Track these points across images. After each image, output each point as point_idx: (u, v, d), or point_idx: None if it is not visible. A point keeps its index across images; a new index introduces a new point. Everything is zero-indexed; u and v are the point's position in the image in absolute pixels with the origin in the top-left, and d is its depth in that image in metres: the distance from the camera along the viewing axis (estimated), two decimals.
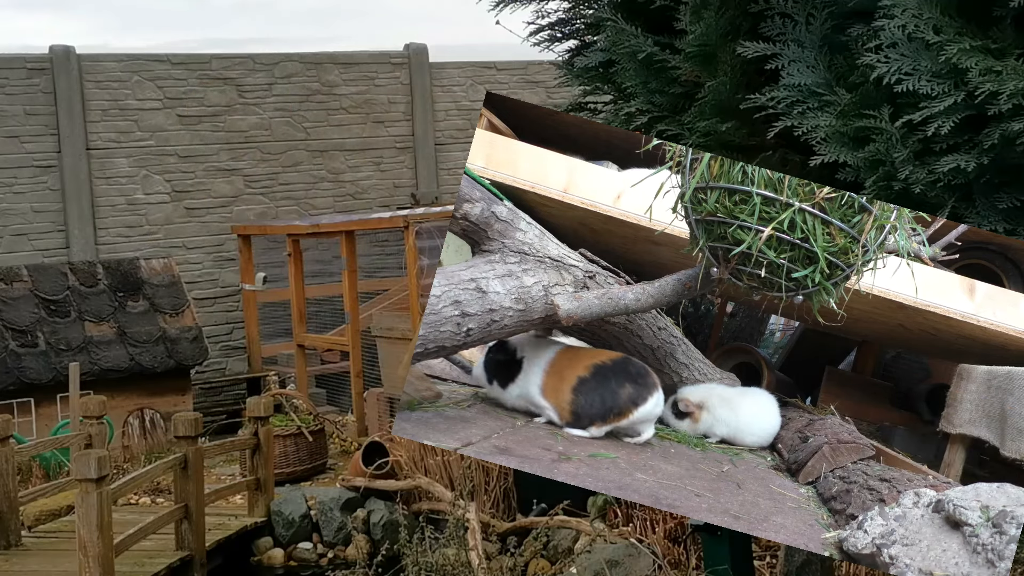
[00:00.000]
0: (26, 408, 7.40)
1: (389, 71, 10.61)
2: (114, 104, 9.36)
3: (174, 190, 9.58)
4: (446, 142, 10.88)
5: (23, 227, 9.00)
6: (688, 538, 4.14)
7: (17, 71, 9.01)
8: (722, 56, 3.93)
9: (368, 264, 9.69)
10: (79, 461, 3.85)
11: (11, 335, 7.53)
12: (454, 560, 4.08)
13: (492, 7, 4.96)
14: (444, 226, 6.52)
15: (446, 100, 10.88)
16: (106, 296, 8.08)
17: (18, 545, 4.88)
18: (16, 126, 8.99)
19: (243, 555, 5.23)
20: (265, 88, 9.99)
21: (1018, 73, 3.07)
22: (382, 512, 5.17)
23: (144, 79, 9.48)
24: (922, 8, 3.22)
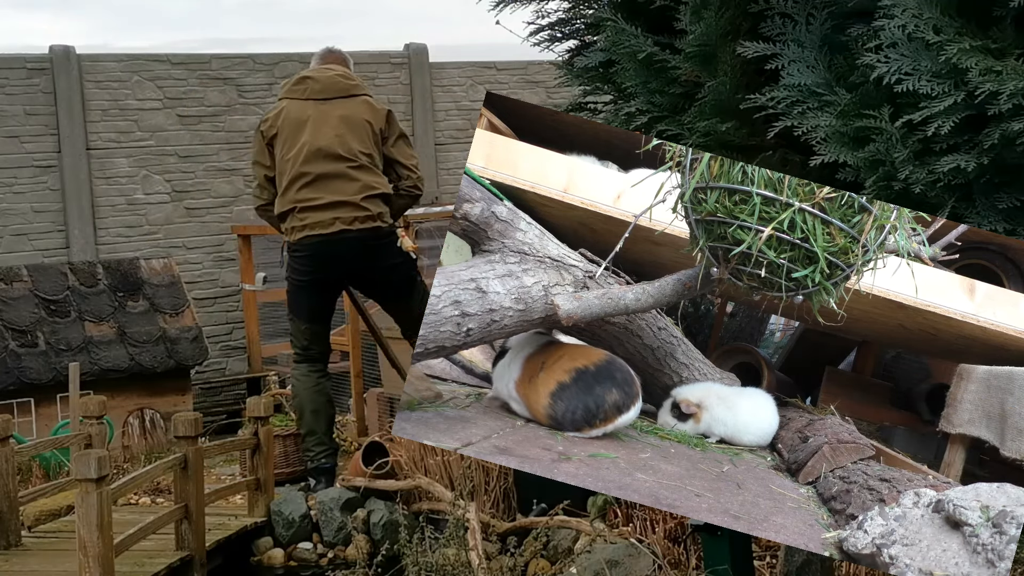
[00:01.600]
0: (26, 408, 7.40)
1: (389, 71, 10.61)
2: (114, 104, 9.36)
3: (174, 190, 9.59)
4: (446, 142, 10.88)
5: (23, 227, 9.00)
6: (688, 538, 4.14)
7: (17, 71, 9.01)
8: (722, 56, 3.93)
9: None
10: (79, 461, 3.85)
11: (11, 335, 7.53)
12: (454, 560, 4.08)
13: (492, 7, 4.97)
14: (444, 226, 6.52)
15: (446, 100, 10.88)
16: (106, 296, 8.08)
17: (18, 545, 4.88)
18: (16, 126, 8.99)
19: (243, 555, 5.22)
20: (265, 88, 9.98)
21: (1018, 73, 3.07)
22: (382, 512, 5.17)
23: (144, 79, 9.48)
24: (922, 8, 3.23)
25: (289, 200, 5.29)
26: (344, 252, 5.29)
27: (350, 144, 5.29)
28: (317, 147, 5.25)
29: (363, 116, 5.36)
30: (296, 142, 5.28)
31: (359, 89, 5.45)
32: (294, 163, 5.27)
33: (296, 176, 5.27)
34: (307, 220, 5.25)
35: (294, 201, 5.27)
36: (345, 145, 5.28)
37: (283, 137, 5.32)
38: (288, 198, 5.29)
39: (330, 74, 5.43)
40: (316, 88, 5.37)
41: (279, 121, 5.35)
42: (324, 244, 5.25)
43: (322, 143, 5.26)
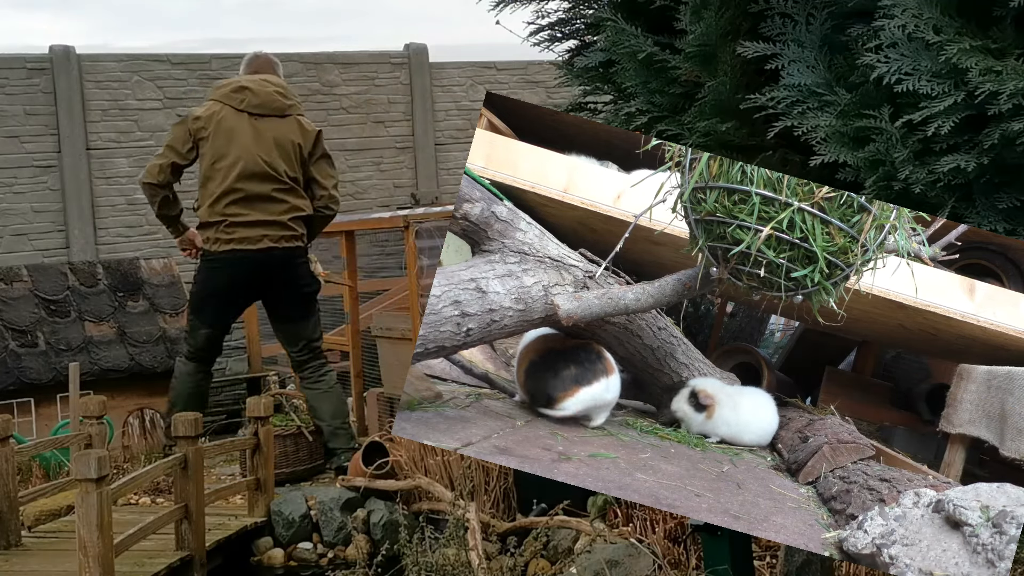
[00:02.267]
0: (26, 408, 7.40)
1: (389, 71, 10.61)
2: (114, 104, 9.36)
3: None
4: (446, 142, 10.87)
5: (23, 227, 9.00)
6: (688, 538, 4.14)
7: (17, 71, 9.01)
8: (722, 56, 3.93)
9: (368, 264, 9.68)
10: (79, 461, 3.85)
11: (11, 335, 7.53)
12: (454, 560, 4.08)
13: (492, 7, 4.97)
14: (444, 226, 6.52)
15: (446, 100, 10.88)
16: (106, 296, 8.08)
17: (18, 545, 4.88)
18: (16, 126, 8.99)
19: (243, 555, 5.22)
20: None
21: (1018, 73, 3.07)
22: (382, 512, 5.17)
23: (144, 79, 9.48)
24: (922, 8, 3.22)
25: (218, 213, 5.49)
26: (268, 268, 5.56)
27: (280, 166, 5.51)
28: (250, 168, 5.46)
29: (293, 138, 5.57)
30: (228, 154, 5.47)
31: (293, 109, 5.66)
32: (225, 177, 5.47)
33: (227, 191, 5.47)
34: (236, 234, 5.48)
35: (223, 215, 5.49)
36: (275, 166, 5.50)
37: (214, 143, 5.50)
38: (217, 211, 5.50)
39: (269, 89, 5.62)
40: (254, 102, 5.56)
41: (211, 124, 5.51)
42: (250, 259, 5.51)
43: (255, 164, 5.48)
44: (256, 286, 5.65)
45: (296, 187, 5.57)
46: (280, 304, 5.76)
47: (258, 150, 5.47)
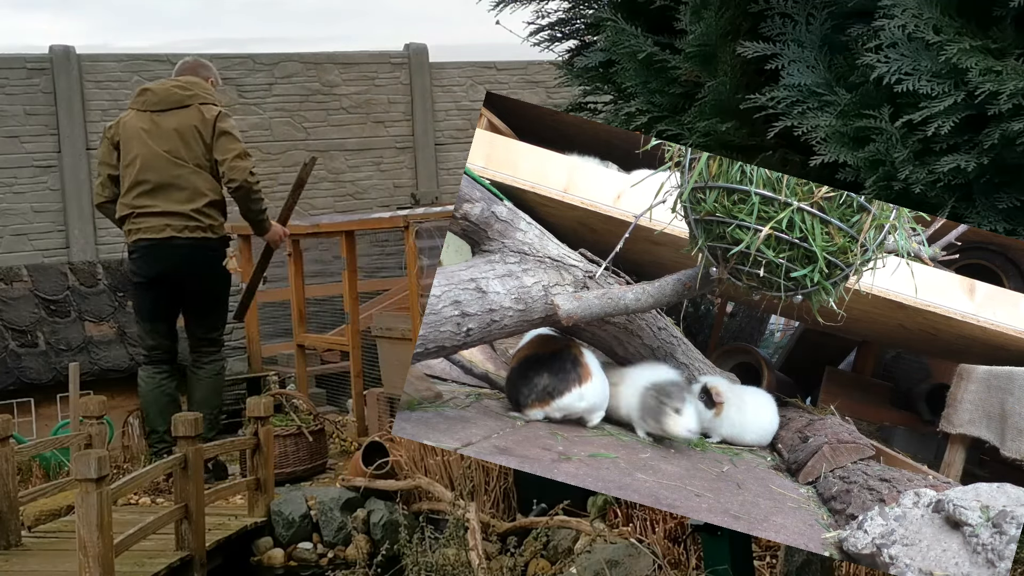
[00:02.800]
0: (26, 408, 7.39)
1: (389, 71, 10.61)
2: (114, 104, 9.35)
3: None
4: (446, 142, 10.87)
5: (23, 227, 9.00)
6: (688, 538, 4.14)
7: (17, 71, 9.01)
8: (722, 56, 3.93)
9: (368, 264, 9.68)
10: (79, 461, 3.85)
11: (11, 335, 7.53)
12: (454, 560, 4.08)
13: (492, 7, 4.96)
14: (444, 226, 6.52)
15: (446, 100, 10.88)
16: (106, 296, 8.07)
17: (18, 545, 4.88)
18: (16, 126, 8.99)
19: (243, 555, 5.22)
20: (265, 88, 9.99)
21: (1018, 73, 3.07)
22: (382, 512, 5.17)
23: (144, 79, 9.46)
24: (922, 8, 3.22)
25: (127, 205, 5.84)
26: (171, 257, 5.80)
27: (181, 152, 5.79)
28: (150, 159, 5.78)
29: (194, 124, 5.83)
30: (131, 151, 5.82)
31: (193, 99, 5.90)
32: (131, 171, 5.81)
33: (133, 184, 5.80)
34: (141, 225, 5.80)
35: (131, 207, 5.82)
36: (178, 153, 5.79)
37: (125, 145, 5.87)
38: (126, 203, 5.84)
39: (167, 86, 5.98)
40: (153, 100, 5.91)
41: (120, 129, 5.92)
42: (154, 248, 5.80)
43: (154, 154, 5.78)
44: (169, 274, 5.85)
45: (202, 170, 5.82)
46: (186, 293, 5.97)
47: (158, 142, 5.77)
